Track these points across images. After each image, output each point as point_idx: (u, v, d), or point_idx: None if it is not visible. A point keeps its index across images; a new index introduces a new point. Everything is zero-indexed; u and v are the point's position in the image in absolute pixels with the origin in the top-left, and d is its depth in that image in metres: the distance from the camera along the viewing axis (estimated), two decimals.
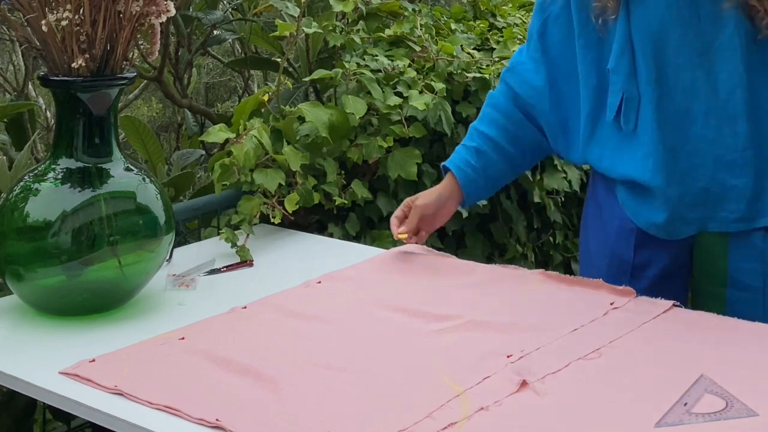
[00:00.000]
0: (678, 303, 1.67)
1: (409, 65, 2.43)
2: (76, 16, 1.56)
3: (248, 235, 2.01)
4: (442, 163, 1.93)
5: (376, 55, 2.43)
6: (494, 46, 2.72)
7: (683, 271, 1.84)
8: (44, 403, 1.86)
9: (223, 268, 1.89)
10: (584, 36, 1.80)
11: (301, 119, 2.20)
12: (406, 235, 1.90)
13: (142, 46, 1.74)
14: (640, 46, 1.72)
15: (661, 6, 1.69)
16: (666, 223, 1.78)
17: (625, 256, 1.83)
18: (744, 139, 1.70)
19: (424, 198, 1.91)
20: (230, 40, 3.04)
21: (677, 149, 1.74)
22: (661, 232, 1.80)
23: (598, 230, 1.91)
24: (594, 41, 1.79)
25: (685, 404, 1.32)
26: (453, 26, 2.77)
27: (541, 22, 1.87)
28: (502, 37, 2.74)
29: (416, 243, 1.92)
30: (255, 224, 2.06)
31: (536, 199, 2.61)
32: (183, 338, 1.55)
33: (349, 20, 2.53)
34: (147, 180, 1.69)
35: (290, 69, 2.59)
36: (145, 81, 2.87)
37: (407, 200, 1.94)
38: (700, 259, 1.82)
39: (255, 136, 2.05)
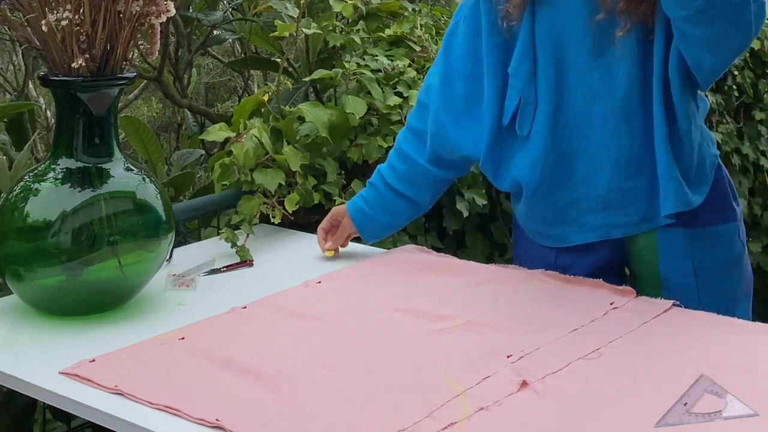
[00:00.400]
0: (678, 303, 1.67)
1: (409, 65, 2.43)
2: (76, 16, 1.56)
3: (248, 235, 2.01)
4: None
5: (376, 55, 2.43)
6: None
7: (614, 269, 1.86)
8: (44, 403, 1.86)
9: (223, 268, 1.89)
10: (492, 38, 1.80)
11: (301, 119, 2.20)
12: (332, 252, 1.96)
13: (142, 46, 1.74)
14: (541, 49, 1.74)
15: (563, 9, 1.71)
16: (553, 232, 1.81)
17: (548, 259, 1.85)
18: (640, 138, 1.73)
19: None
20: (230, 40, 3.04)
21: (575, 155, 1.76)
22: (550, 241, 1.82)
23: (520, 235, 1.94)
24: (501, 43, 1.80)
25: (685, 404, 1.32)
26: None
27: (455, 23, 1.89)
28: None
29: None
30: (255, 224, 2.06)
31: None
32: (183, 338, 1.55)
33: (349, 20, 2.53)
34: (147, 180, 1.69)
35: (290, 69, 2.59)
36: (145, 81, 2.87)
37: (334, 211, 1.98)
38: (633, 261, 1.85)
39: (255, 136, 2.05)
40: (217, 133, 2.10)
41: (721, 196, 1.81)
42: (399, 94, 2.34)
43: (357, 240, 2.26)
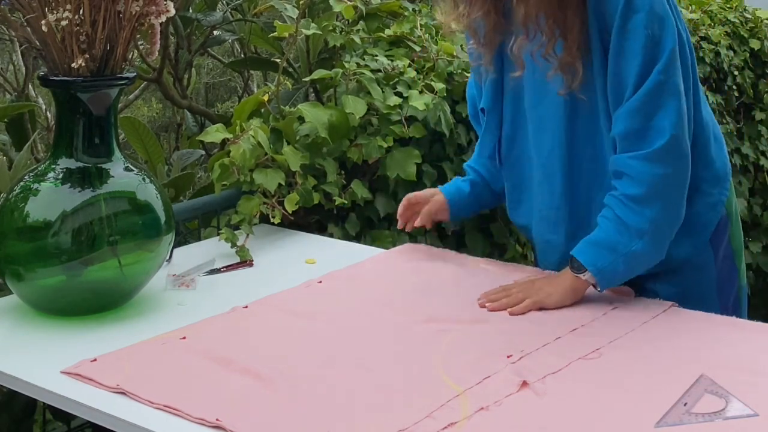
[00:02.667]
0: (676, 303, 1.67)
1: (409, 65, 2.43)
2: (76, 16, 1.56)
3: (248, 235, 2.01)
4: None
5: (376, 55, 2.43)
6: None
7: None
8: (44, 403, 1.86)
9: (223, 268, 1.89)
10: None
11: (301, 119, 2.20)
12: (314, 261, 1.96)
13: (141, 47, 1.74)
14: (506, 89, 1.84)
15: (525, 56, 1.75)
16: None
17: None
18: (559, 197, 1.78)
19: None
20: (230, 41, 3.04)
21: (521, 192, 1.89)
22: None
23: None
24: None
25: (685, 404, 1.32)
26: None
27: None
28: None
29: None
30: (255, 224, 2.06)
31: None
32: (184, 338, 1.55)
33: (349, 21, 2.53)
34: (147, 180, 1.69)
35: (290, 69, 2.59)
36: (145, 81, 2.87)
37: (428, 192, 2.00)
38: None
39: (252, 136, 2.05)
40: (214, 134, 2.10)
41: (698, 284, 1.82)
42: (399, 94, 2.34)
43: (357, 240, 2.26)
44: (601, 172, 1.74)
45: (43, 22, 1.55)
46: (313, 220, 2.27)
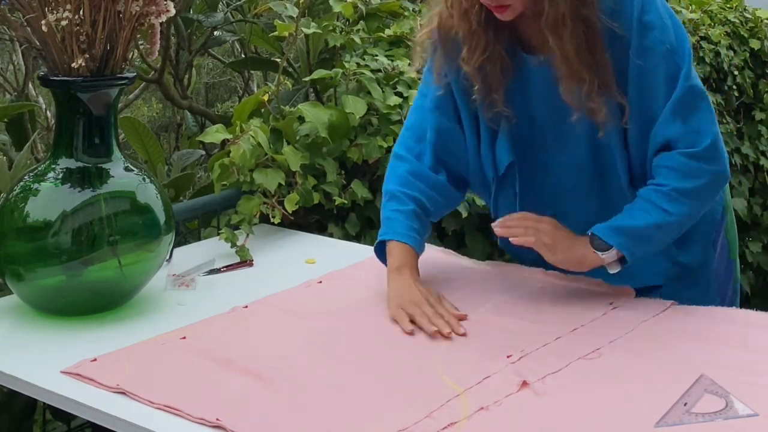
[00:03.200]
0: (676, 302, 1.68)
1: (409, 65, 2.43)
2: (76, 16, 1.56)
3: (248, 235, 2.01)
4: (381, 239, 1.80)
5: (376, 55, 2.43)
6: None
7: None
8: (44, 403, 1.86)
9: (223, 268, 1.89)
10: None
11: (301, 119, 2.20)
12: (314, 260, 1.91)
13: (141, 47, 1.74)
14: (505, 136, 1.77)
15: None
16: None
17: None
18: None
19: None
20: (230, 41, 3.04)
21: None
22: None
23: None
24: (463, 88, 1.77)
25: (685, 404, 1.32)
26: None
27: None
28: None
29: None
30: (255, 224, 2.06)
31: None
32: (184, 338, 1.55)
33: (349, 20, 2.53)
34: (147, 180, 1.69)
35: (290, 69, 2.59)
36: (145, 82, 2.87)
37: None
38: None
39: (252, 137, 2.05)
40: (214, 134, 2.10)
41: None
42: (399, 94, 2.34)
43: (357, 240, 2.26)
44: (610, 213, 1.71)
45: (43, 22, 1.55)
46: (313, 220, 2.27)
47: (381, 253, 1.78)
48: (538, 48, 1.69)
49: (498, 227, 1.67)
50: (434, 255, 1.94)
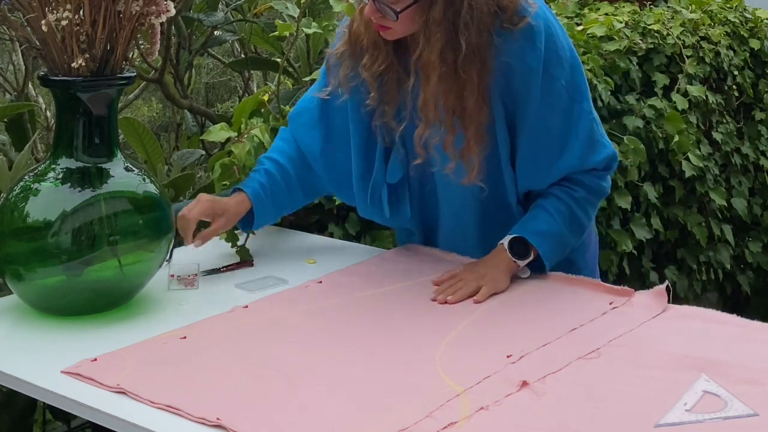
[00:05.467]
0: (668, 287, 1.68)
1: None
2: (76, 16, 1.56)
3: (248, 234, 2.01)
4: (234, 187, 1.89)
5: None
6: None
7: None
8: (44, 403, 1.86)
9: (223, 268, 1.89)
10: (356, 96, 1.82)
11: None
12: (314, 261, 1.92)
13: (142, 46, 1.74)
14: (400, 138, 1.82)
15: None
16: None
17: None
18: (473, 241, 1.86)
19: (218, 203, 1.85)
20: (230, 41, 3.04)
21: (427, 233, 1.95)
22: None
23: None
24: (362, 100, 1.81)
25: (685, 404, 1.32)
26: None
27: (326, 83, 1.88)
28: None
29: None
30: None
31: None
32: (185, 337, 1.55)
33: None
34: (147, 180, 1.69)
35: (290, 69, 2.60)
36: (145, 81, 2.87)
37: (211, 201, 1.83)
38: None
39: (257, 136, 2.05)
40: (218, 133, 2.10)
41: None
42: None
43: (357, 240, 2.26)
44: (512, 219, 1.81)
45: (43, 22, 1.55)
46: (313, 220, 2.27)
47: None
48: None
49: (448, 298, 1.70)
50: (434, 255, 1.94)
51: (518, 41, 1.67)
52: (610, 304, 1.67)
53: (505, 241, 1.77)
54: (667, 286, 1.68)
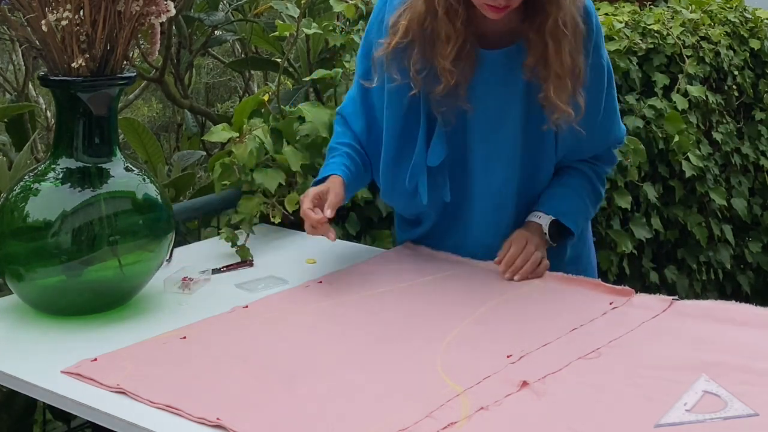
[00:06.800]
0: (677, 297, 1.68)
1: None
2: (76, 16, 1.56)
3: (248, 234, 2.01)
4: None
5: None
6: None
7: None
8: (44, 403, 1.86)
9: (223, 268, 1.89)
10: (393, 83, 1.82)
11: (302, 119, 2.20)
12: (314, 261, 1.93)
13: (142, 46, 1.74)
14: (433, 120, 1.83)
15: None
16: None
17: None
18: (507, 228, 1.87)
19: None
20: (231, 41, 3.04)
21: (450, 222, 1.93)
22: None
23: None
24: (402, 87, 1.81)
25: (685, 404, 1.32)
26: None
27: (365, 69, 1.89)
28: None
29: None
30: (255, 224, 2.06)
31: None
32: (184, 337, 1.55)
33: (350, 20, 2.53)
34: (147, 180, 1.69)
35: (290, 69, 2.60)
36: (145, 81, 2.87)
37: (317, 189, 1.82)
38: None
39: (258, 136, 2.05)
40: (219, 133, 2.10)
41: None
42: None
43: (357, 240, 2.26)
44: (537, 193, 1.90)
45: (43, 22, 1.55)
46: None
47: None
48: (492, 44, 1.79)
49: (515, 277, 1.80)
50: (434, 255, 1.94)
51: (582, 15, 1.76)
52: (611, 304, 1.67)
53: (545, 224, 1.85)
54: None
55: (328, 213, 1.75)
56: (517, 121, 1.81)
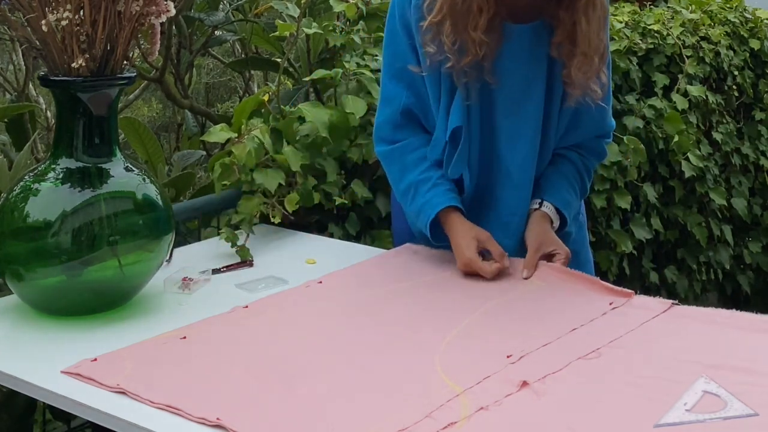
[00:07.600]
0: (677, 302, 1.68)
1: None
2: (76, 16, 1.56)
3: (248, 235, 2.01)
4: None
5: (376, 55, 2.42)
6: None
7: None
8: (44, 403, 1.86)
9: (223, 268, 1.89)
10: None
11: (301, 119, 2.20)
12: (314, 261, 1.94)
13: (142, 46, 1.74)
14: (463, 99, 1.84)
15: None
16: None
17: None
18: (524, 204, 1.89)
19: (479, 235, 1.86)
20: (231, 41, 3.04)
21: (482, 201, 1.93)
22: None
23: None
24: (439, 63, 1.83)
25: (685, 404, 1.32)
26: None
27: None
28: None
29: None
30: (255, 224, 2.06)
31: None
32: (184, 337, 1.55)
33: (350, 20, 2.53)
34: (147, 180, 1.69)
35: (290, 69, 2.60)
36: (146, 81, 2.87)
37: (474, 234, 1.84)
38: None
39: (257, 137, 2.05)
40: (218, 133, 2.10)
41: None
42: None
43: (357, 240, 2.26)
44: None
45: (43, 22, 1.55)
46: (313, 220, 2.27)
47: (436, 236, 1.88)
48: (520, 18, 1.81)
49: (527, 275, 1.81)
50: (435, 255, 1.94)
51: None
52: (610, 304, 1.67)
53: (551, 213, 1.88)
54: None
55: (506, 263, 1.82)
56: (541, 97, 1.84)
